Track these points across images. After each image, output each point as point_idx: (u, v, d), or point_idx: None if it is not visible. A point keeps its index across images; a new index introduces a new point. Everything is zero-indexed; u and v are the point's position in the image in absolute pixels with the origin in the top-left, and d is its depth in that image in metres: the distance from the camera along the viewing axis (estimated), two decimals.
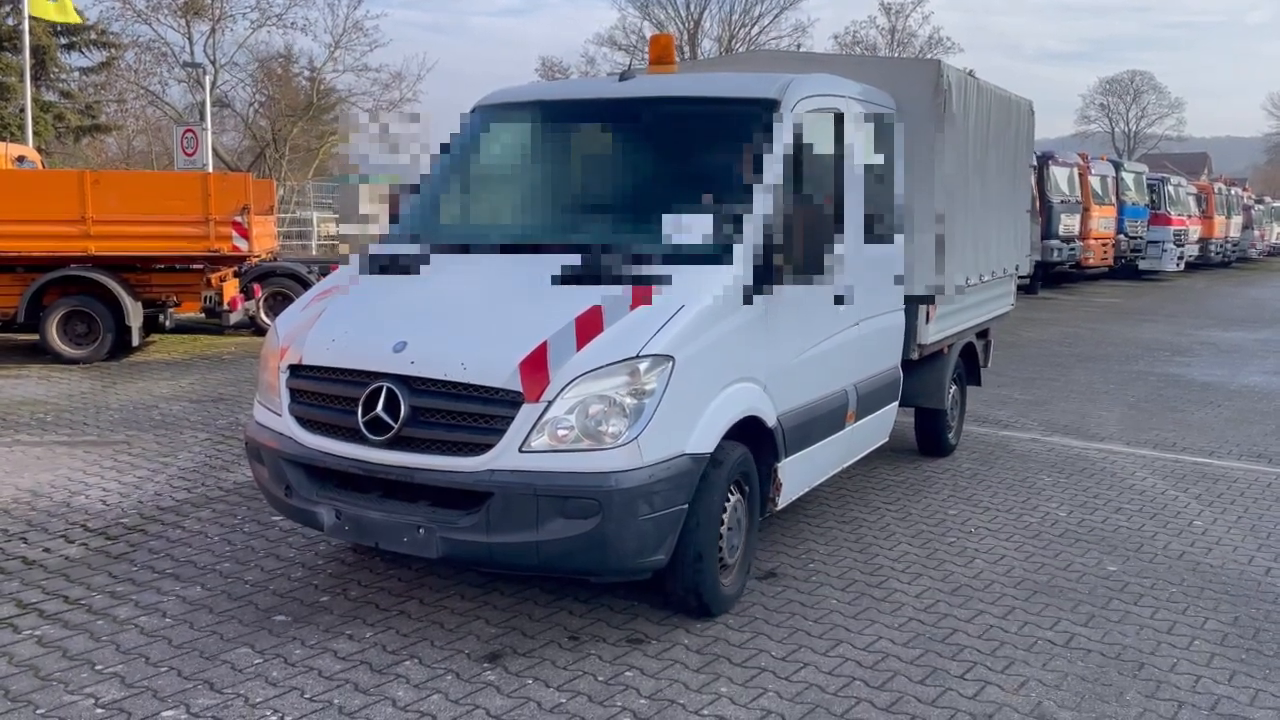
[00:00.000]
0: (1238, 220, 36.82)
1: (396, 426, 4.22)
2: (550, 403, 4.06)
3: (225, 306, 12.76)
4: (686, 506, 4.29)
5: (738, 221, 4.71)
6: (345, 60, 30.91)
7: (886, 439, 6.77)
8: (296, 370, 4.63)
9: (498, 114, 5.88)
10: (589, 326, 4.21)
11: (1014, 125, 8.33)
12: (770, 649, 4.39)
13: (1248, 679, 4.24)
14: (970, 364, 8.23)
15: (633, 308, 4.30)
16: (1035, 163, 16.41)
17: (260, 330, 13.82)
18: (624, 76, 5.68)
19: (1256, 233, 39.78)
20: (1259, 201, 42.14)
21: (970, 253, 7.29)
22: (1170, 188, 29.76)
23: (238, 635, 4.43)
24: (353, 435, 4.33)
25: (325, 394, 4.52)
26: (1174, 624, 4.78)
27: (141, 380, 10.59)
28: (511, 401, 4.10)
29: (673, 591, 4.58)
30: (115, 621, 4.57)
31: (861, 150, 5.78)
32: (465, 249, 5.12)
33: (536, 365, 4.10)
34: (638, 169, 5.49)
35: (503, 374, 4.11)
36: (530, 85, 6.43)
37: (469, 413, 4.19)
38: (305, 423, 4.55)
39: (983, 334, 8.44)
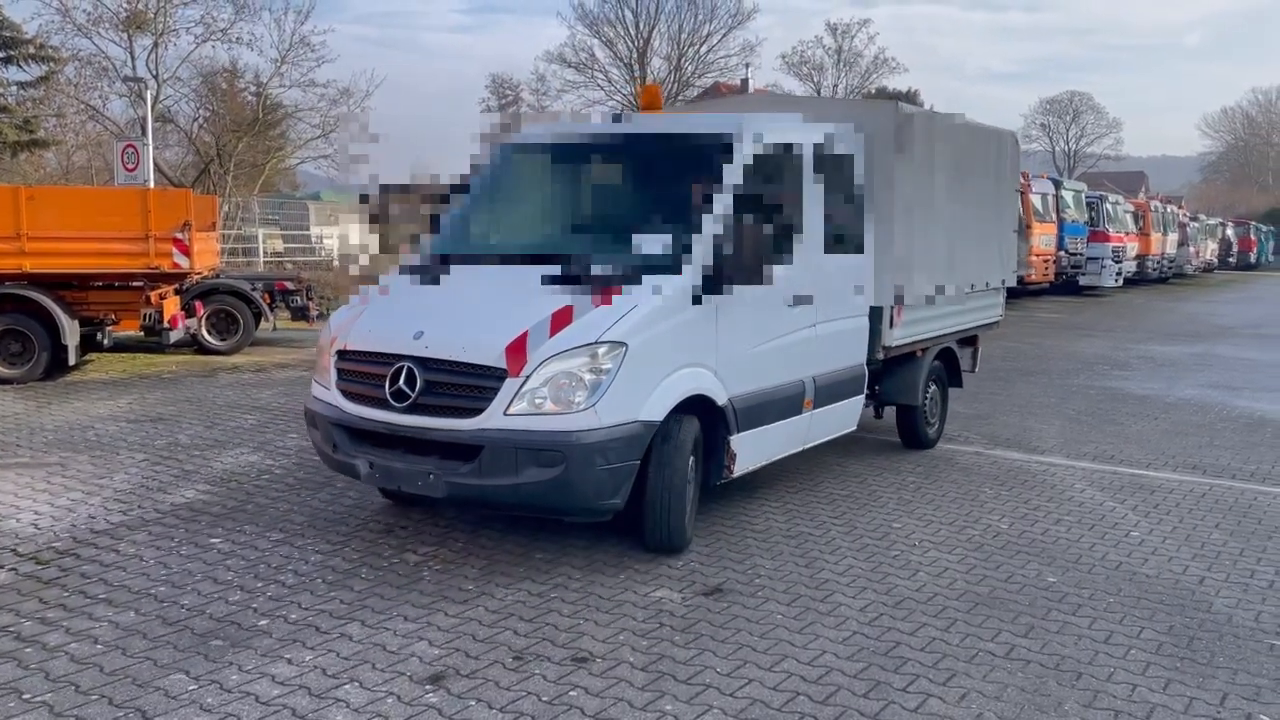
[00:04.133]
0: (1174, 237, 37.76)
1: (413, 396, 5.41)
2: (528, 377, 5.22)
3: (165, 324, 12.54)
4: (638, 462, 5.39)
5: (690, 237, 5.76)
6: (292, 75, 30.56)
7: (853, 427, 7.64)
8: (343, 354, 5.85)
9: (514, 150, 7.06)
10: (561, 319, 5.34)
11: (995, 153, 9.35)
12: (715, 665, 4.39)
13: (1182, 687, 4.32)
14: (950, 366, 9.03)
15: (597, 305, 5.41)
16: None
17: (203, 349, 13.59)
18: (616, 118, 7.00)
19: (1192, 249, 40.82)
20: (1194, 219, 43.25)
21: (939, 267, 8.14)
22: (1109, 205, 30.45)
23: (172, 661, 4.33)
24: (382, 403, 5.52)
25: (363, 372, 5.73)
26: (1111, 634, 4.86)
27: (77, 400, 10.35)
28: (498, 376, 5.25)
29: (643, 529, 5.68)
30: (45, 648, 4.44)
31: (818, 178, 6.73)
32: (476, 260, 6.38)
33: (518, 349, 5.24)
34: (618, 194, 6.83)
35: (492, 355, 5.28)
36: (540, 126, 7.39)
37: (466, 385, 5.35)
38: (348, 395, 5.76)
39: (969, 341, 9.38)
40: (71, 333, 11.55)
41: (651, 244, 5.80)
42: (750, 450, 6.25)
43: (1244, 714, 4.11)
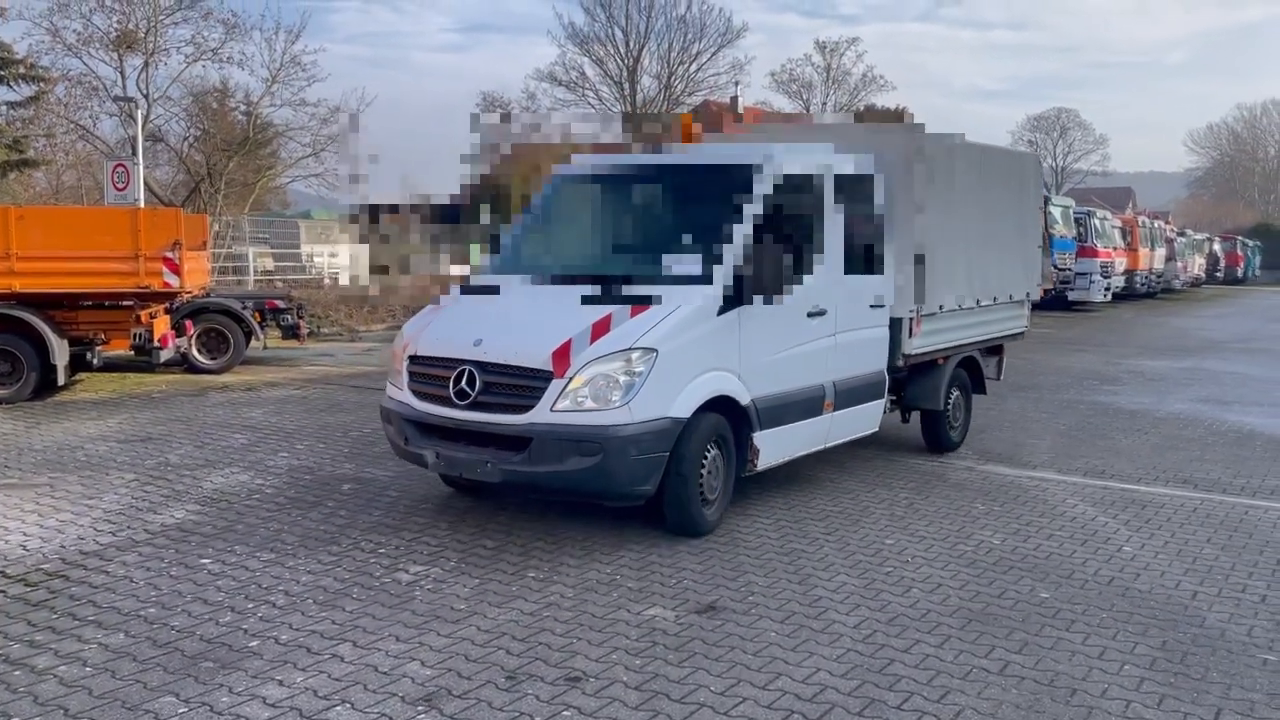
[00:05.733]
0: (1161, 252, 37.92)
1: (473, 395, 6.18)
2: (571, 379, 5.96)
3: (156, 344, 12.49)
4: (668, 453, 6.07)
5: (717, 257, 6.49)
6: (282, 95, 30.54)
7: (876, 429, 8.18)
8: (413, 359, 6.65)
9: (566, 179, 7.85)
10: (600, 328, 6.10)
11: (1017, 175, 10.09)
12: (709, 684, 4.37)
13: (1176, 703, 4.32)
14: (973, 375, 9.58)
15: (632, 316, 6.16)
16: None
17: (194, 368, 13.53)
18: (655, 150, 7.66)
19: (1179, 264, 40.99)
20: (1181, 234, 43.43)
21: (958, 282, 8.76)
22: (1096, 221, 30.58)
23: (162, 683, 4.30)
24: (446, 401, 6.30)
25: (430, 374, 6.49)
26: (1104, 649, 4.86)
27: (67, 420, 10.29)
28: (546, 378, 6.01)
29: (666, 516, 6.34)
30: (33, 671, 4.40)
31: (838, 201, 7.38)
32: (528, 278, 7.07)
33: (563, 354, 6.00)
34: (654, 217, 7.61)
35: (540, 359, 6.04)
36: (589, 157, 7.98)
37: (519, 385, 6.11)
38: (418, 394, 6.54)
39: (994, 350, 9.94)
40: (61, 352, 11.49)
41: (682, 262, 6.54)
42: (772, 446, 6.91)
43: None
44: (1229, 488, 8.18)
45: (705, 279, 6.42)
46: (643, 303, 6.25)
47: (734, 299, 6.44)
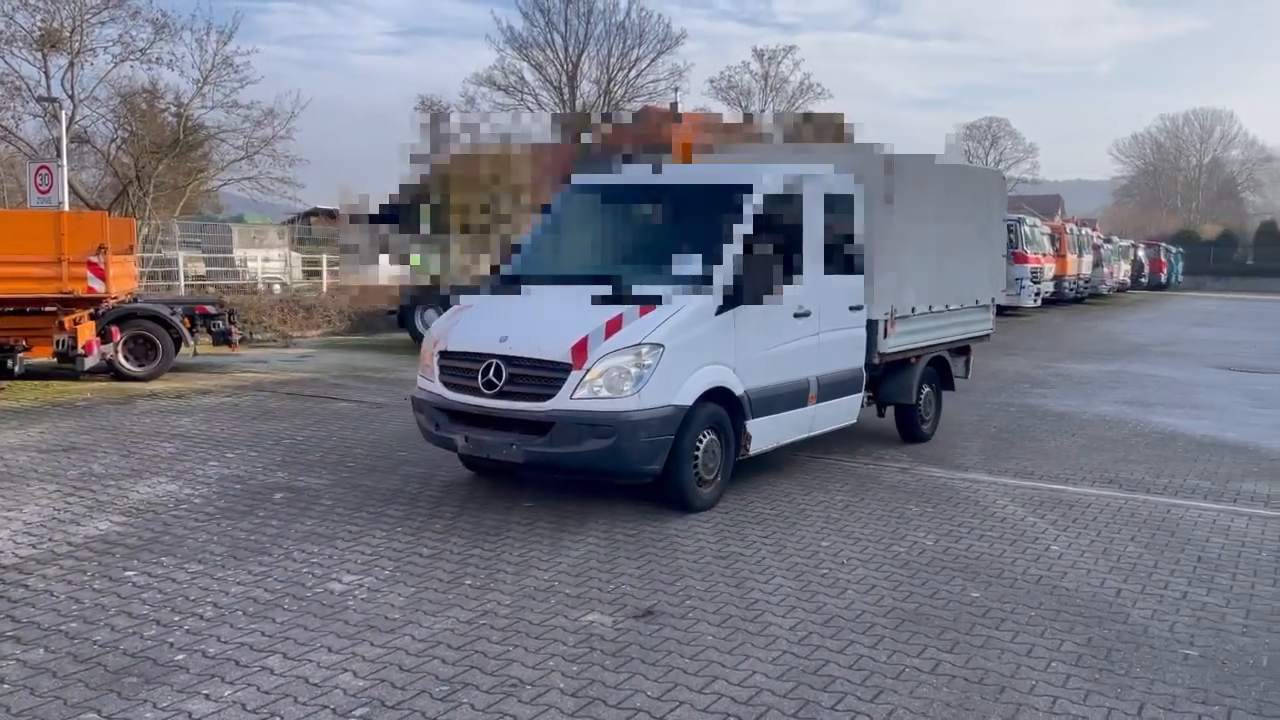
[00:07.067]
0: (1089, 259, 38.86)
1: (500, 385, 6.92)
2: (588, 370, 6.68)
3: (80, 350, 12.16)
4: (673, 437, 6.81)
5: (715, 264, 7.23)
6: (214, 96, 29.86)
7: (854, 420, 8.94)
8: (444, 354, 7.36)
9: (576, 191, 8.60)
10: (613, 326, 6.83)
11: (983, 190, 11.08)
12: (646, 689, 4.37)
13: (1101, 698, 4.43)
14: (943, 373, 10.35)
15: (641, 315, 6.90)
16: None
17: (120, 375, 13.18)
18: (655, 169, 8.40)
19: (1106, 270, 42.04)
20: (1107, 240, 44.51)
21: (929, 287, 9.56)
22: (1026, 228, 31.20)
23: (83, 700, 4.17)
24: (475, 391, 7.03)
25: (460, 367, 7.21)
26: (1032, 647, 4.96)
27: None
28: (565, 370, 6.74)
29: (666, 494, 7.08)
30: None
31: (821, 213, 8.14)
32: (547, 281, 7.82)
33: (580, 349, 6.72)
34: (660, 228, 8.20)
35: (560, 353, 6.77)
36: (594, 174, 8.79)
37: (541, 376, 6.82)
38: (448, 385, 7.25)
39: (962, 350, 10.67)
40: None
41: (683, 269, 7.30)
42: (763, 433, 7.65)
43: None
44: (1152, 487, 8.41)
45: (705, 282, 7.14)
46: (650, 303, 6.97)
47: (730, 301, 7.17)
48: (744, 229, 7.40)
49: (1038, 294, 30.93)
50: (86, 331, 12.29)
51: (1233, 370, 17.32)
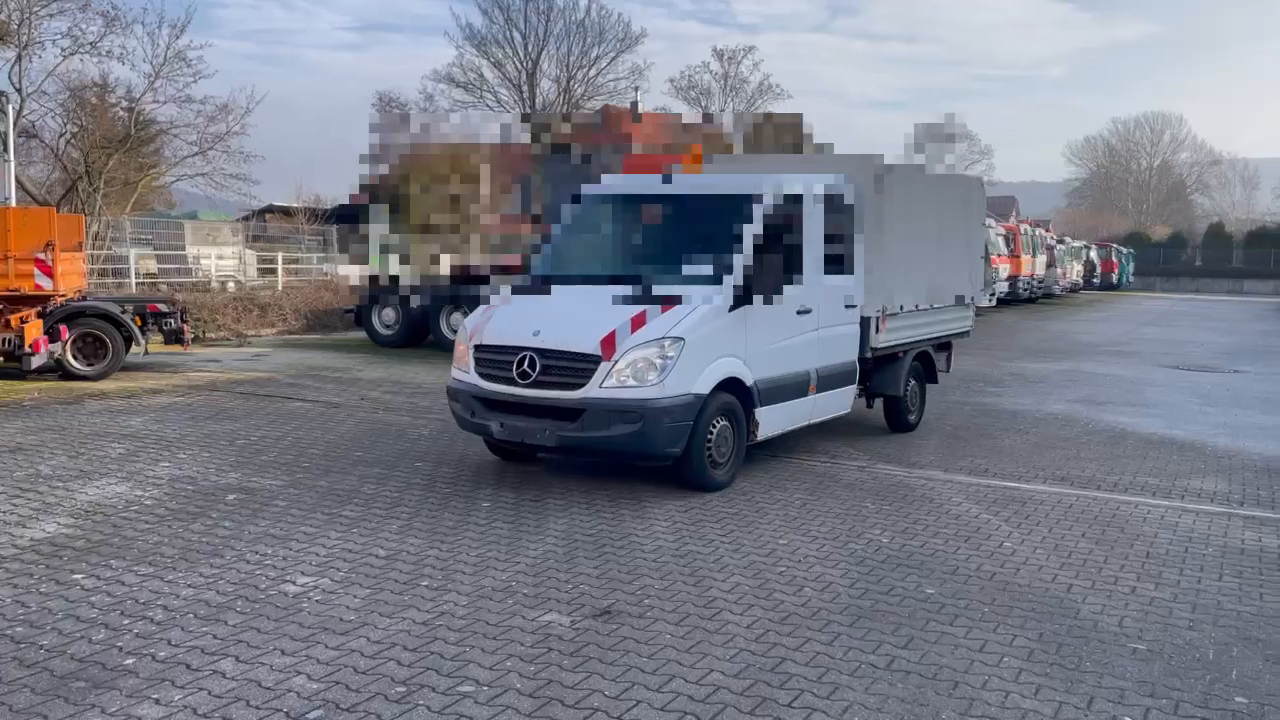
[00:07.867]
0: (1042, 259, 39.48)
1: (534, 375, 7.50)
2: (616, 361, 7.31)
3: (27, 349, 11.92)
4: (693, 422, 7.44)
5: (728, 265, 7.91)
6: (167, 91, 29.38)
7: (848, 410, 9.61)
8: (479, 348, 7.94)
9: (593, 198, 9.31)
10: (638, 321, 7.48)
11: (964, 196, 11.66)
12: (603, 688, 4.37)
13: (1051, 692, 4.49)
14: (927, 367, 11.05)
15: (663, 312, 7.57)
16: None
17: (69, 374, 12.92)
18: (666, 178, 9.16)
19: (1059, 271, 42.73)
20: (1060, 242, 45.27)
21: (916, 286, 10.18)
22: None
23: (29, 706, 4.09)
24: (510, 381, 7.62)
25: (495, 359, 7.80)
26: (985, 642, 5.02)
27: None
28: (595, 361, 7.35)
29: (683, 475, 7.69)
30: None
31: (820, 219, 8.79)
32: (571, 281, 8.46)
33: (609, 341, 7.35)
34: (673, 233, 8.81)
35: (591, 345, 7.38)
36: (610, 182, 9.75)
37: (573, 367, 7.43)
38: (484, 375, 7.83)
39: (944, 346, 11.41)
40: None
41: (699, 270, 7.97)
42: (770, 420, 8.30)
43: (1109, 716, 4.29)
44: (1103, 484, 8.55)
45: (718, 282, 7.81)
46: (671, 301, 7.62)
47: (741, 299, 7.82)
48: (754, 234, 8.05)
49: (992, 294, 31.31)
50: (34, 330, 12.04)
51: (1181, 369, 17.68)
